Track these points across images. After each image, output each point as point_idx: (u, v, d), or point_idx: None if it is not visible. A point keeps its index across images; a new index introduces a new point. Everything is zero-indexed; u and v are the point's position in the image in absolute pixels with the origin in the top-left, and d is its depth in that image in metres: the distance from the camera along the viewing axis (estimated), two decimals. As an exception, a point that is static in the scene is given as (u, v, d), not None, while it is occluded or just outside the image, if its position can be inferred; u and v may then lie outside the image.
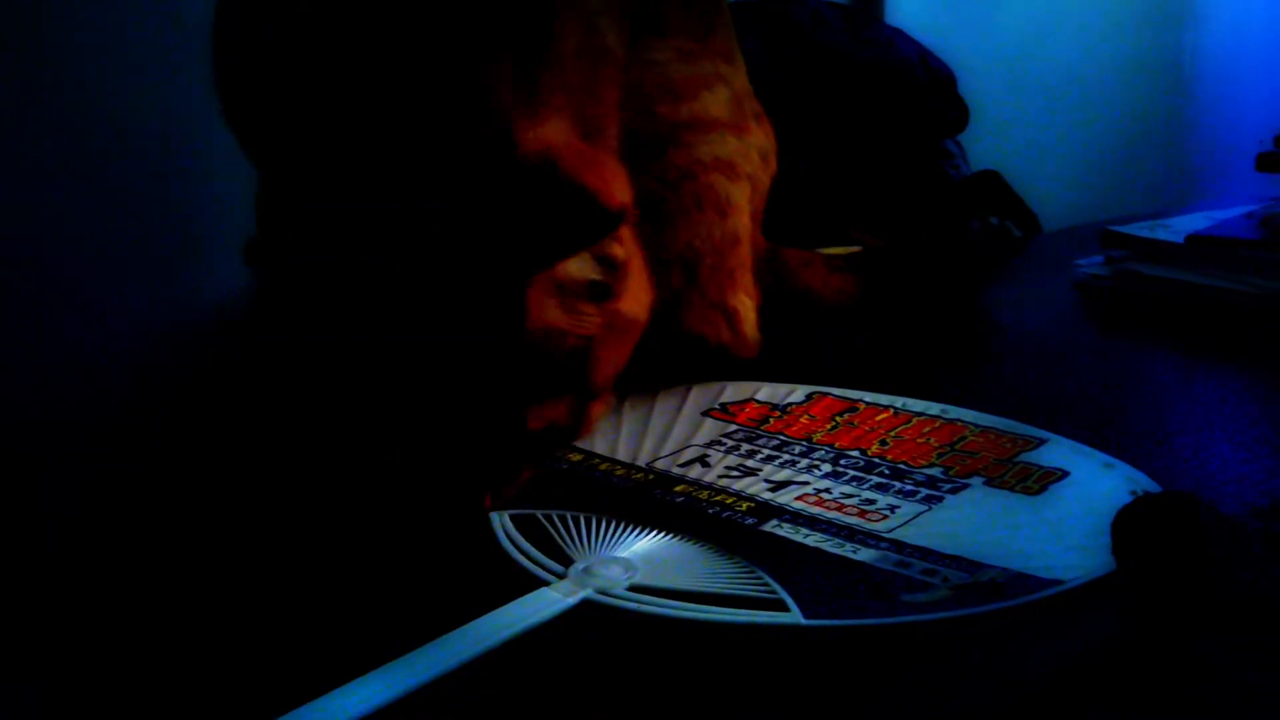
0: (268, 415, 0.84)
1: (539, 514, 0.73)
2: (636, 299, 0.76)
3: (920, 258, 1.32)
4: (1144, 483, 0.73)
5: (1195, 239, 1.20)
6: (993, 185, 1.49)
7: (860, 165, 1.42)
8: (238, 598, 0.67)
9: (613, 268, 0.73)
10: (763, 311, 0.99)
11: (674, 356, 0.93)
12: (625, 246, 0.75)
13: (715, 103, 0.96)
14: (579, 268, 0.71)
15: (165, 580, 0.69)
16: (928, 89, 1.50)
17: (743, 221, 0.98)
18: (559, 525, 0.71)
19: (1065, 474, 0.75)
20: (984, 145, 1.62)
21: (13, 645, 0.64)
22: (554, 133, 0.71)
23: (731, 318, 0.97)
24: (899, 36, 1.56)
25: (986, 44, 1.92)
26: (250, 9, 0.76)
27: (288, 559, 0.71)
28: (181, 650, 0.61)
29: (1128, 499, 0.70)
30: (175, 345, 1.16)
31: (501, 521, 0.73)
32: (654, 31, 0.92)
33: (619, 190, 0.70)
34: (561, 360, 0.71)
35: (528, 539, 0.70)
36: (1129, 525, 0.57)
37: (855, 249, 1.27)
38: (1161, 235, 1.23)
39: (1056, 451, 0.79)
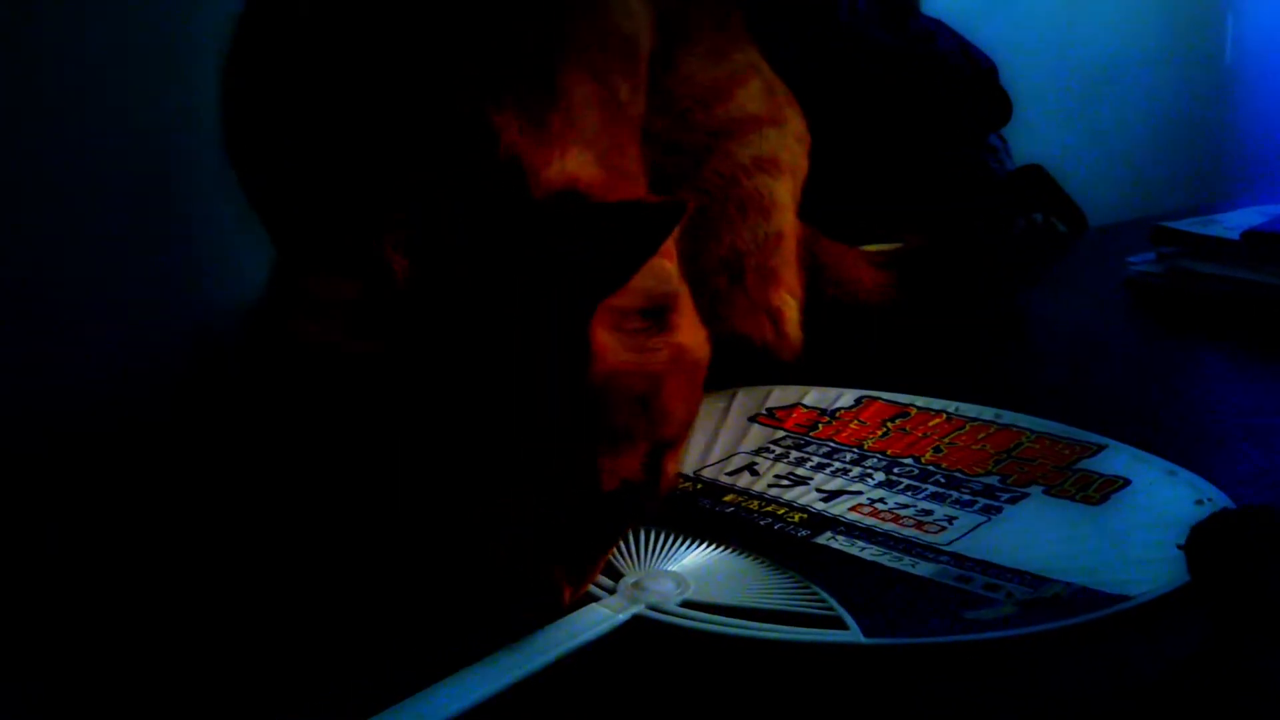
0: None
1: (585, 524, 0.71)
2: (694, 333, 0.68)
3: (964, 254, 1.29)
4: (1208, 491, 0.71)
5: (1252, 235, 1.17)
6: (1037, 179, 1.47)
7: (902, 161, 1.39)
8: (284, 610, 0.65)
9: (666, 287, 0.68)
10: (806, 309, 0.98)
11: (718, 358, 0.91)
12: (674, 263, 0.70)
13: (750, 98, 0.94)
14: (633, 292, 0.61)
15: (198, 597, 0.68)
16: (969, 82, 1.48)
17: (787, 219, 0.96)
18: (607, 537, 0.70)
19: (1127, 482, 0.73)
20: (1026, 139, 1.60)
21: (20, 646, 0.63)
22: (576, 166, 0.65)
23: (775, 318, 0.95)
24: (940, 29, 1.54)
25: (1026, 35, 1.89)
26: (257, 71, 0.74)
27: (331, 571, 0.70)
28: (227, 674, 0.60)
29: (1193, 509, 0.68)
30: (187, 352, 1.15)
31: (547, 532, 0.71)
32: (681, 39, 0.90)
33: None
34: (631, 407, 0.61)
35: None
36: (1207, 541, 0.55)
37: (897, 245, 1.25)
38: (1214, 231, 1.21)
39: (1116, 458, 0.77)
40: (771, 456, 0.81)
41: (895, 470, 0.77)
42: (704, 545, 0.68)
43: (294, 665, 0.59)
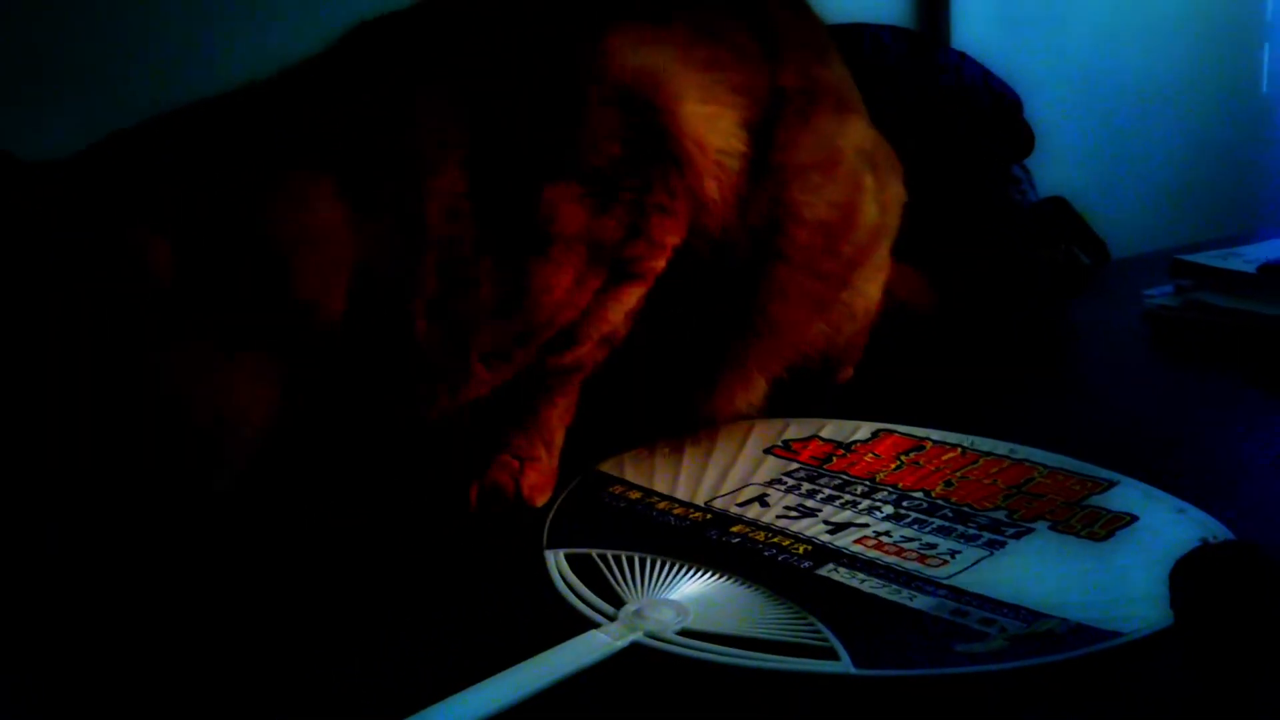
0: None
1: (594, 553, 0.73)
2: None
3: (990, 285, 1.30)
4: (1216, 529, 0.71)
5: (1269, 268, 1.17)
6: (1060, 211, 1.47)
7: (925, 191, 1.40)
8: (281, 627, 0.67)
9: None
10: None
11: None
12: None
13: (868, 216, 0.97)
14: None
15: (199, 604, 0.70)
16: (992, 114, 1.48)
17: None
18: (613, 565, 0.71)
19: (1134, 519, 0.73)
20: (1050, 169, 1.60)
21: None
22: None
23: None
24: (963, 61, 1.54)
25: (1053, 66, 1.89)
26: None
27: (336, 591, 0.72)
28: (222, 682, 0.61)
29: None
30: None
31: (556, 559, 0.72)
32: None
33: None
34: None
35: (581, 578, 0.69)
36: (1185, 575, 0.55)
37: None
38: (1233, 265, 1.20)
39: (1127, 495, 0.77)
40: (783, 488, 0.82)
41: (904, 504, 0.78)
42: (707, 575, 0.69)
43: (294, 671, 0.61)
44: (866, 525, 0.75)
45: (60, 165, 0.69)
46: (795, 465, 0.86)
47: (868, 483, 0.82)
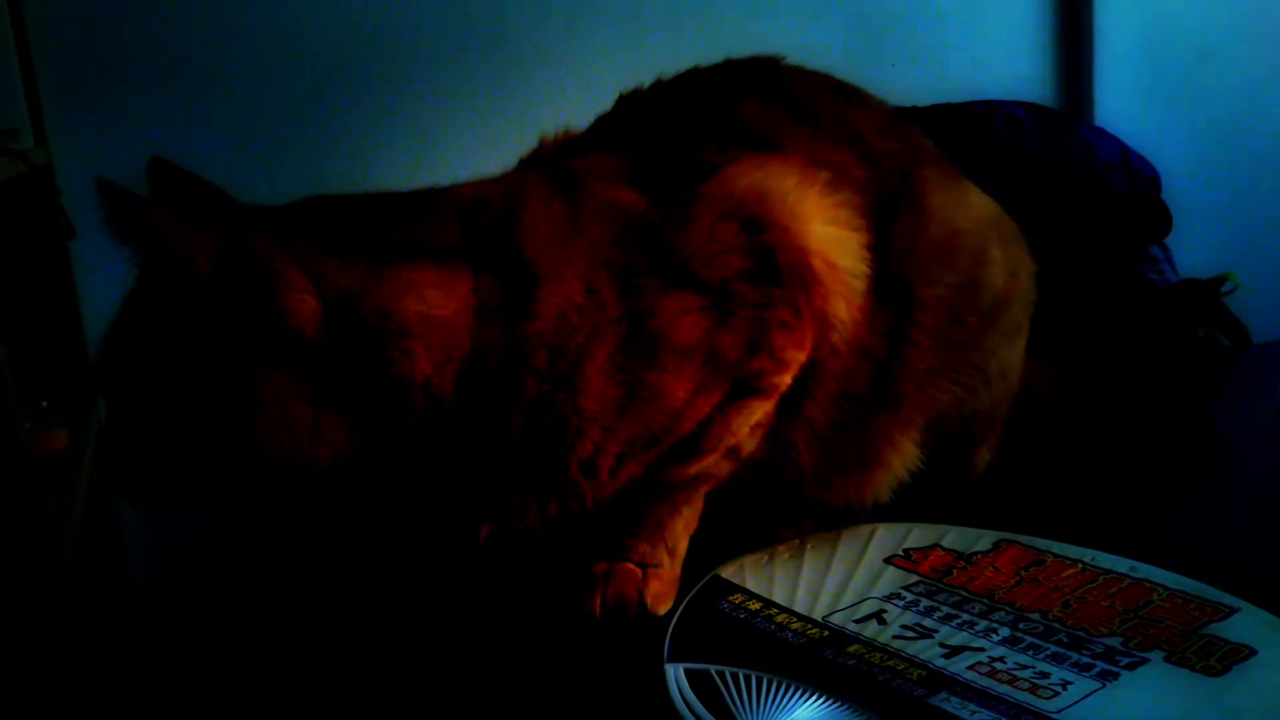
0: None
1: (712, 669, 0.75)
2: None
3: (1124, 370, 1.29)
4: (1335, 665, 0.70)
5: None
6: (1198, 293, 1.45)
7: (1056, 273, 1.39)
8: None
9: None
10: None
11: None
12: None
13: (994, 277, 0.99)
14: None
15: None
16: (1127, 194, 1.47)
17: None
18: (730, 684, 0.74)
19: (1252, 653, 0.73)
20: (1192, 247, 1.58)
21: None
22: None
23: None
24: (1099, 139, 1.54)
25: (1196, 138, 1.86)
26: None
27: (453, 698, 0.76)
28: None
29: (1317, 687, 0.68)
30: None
31: (676, 675, 0.75)
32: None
33: None
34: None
35: (699, 694, 0.72)
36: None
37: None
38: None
39: (1246, 624, 0.77)
40: (901, 604, 0.84)
41: (1021, 626, 0.79)
42: (821, 699, 0.71)
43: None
44: (982, 650, 0.76)
45: (266, 212, 0.80)
46: (915, 578, 0.87)
47: (986, 600, 0.83)
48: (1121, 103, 1.80)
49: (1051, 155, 1.48)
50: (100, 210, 0.72)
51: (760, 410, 0.88)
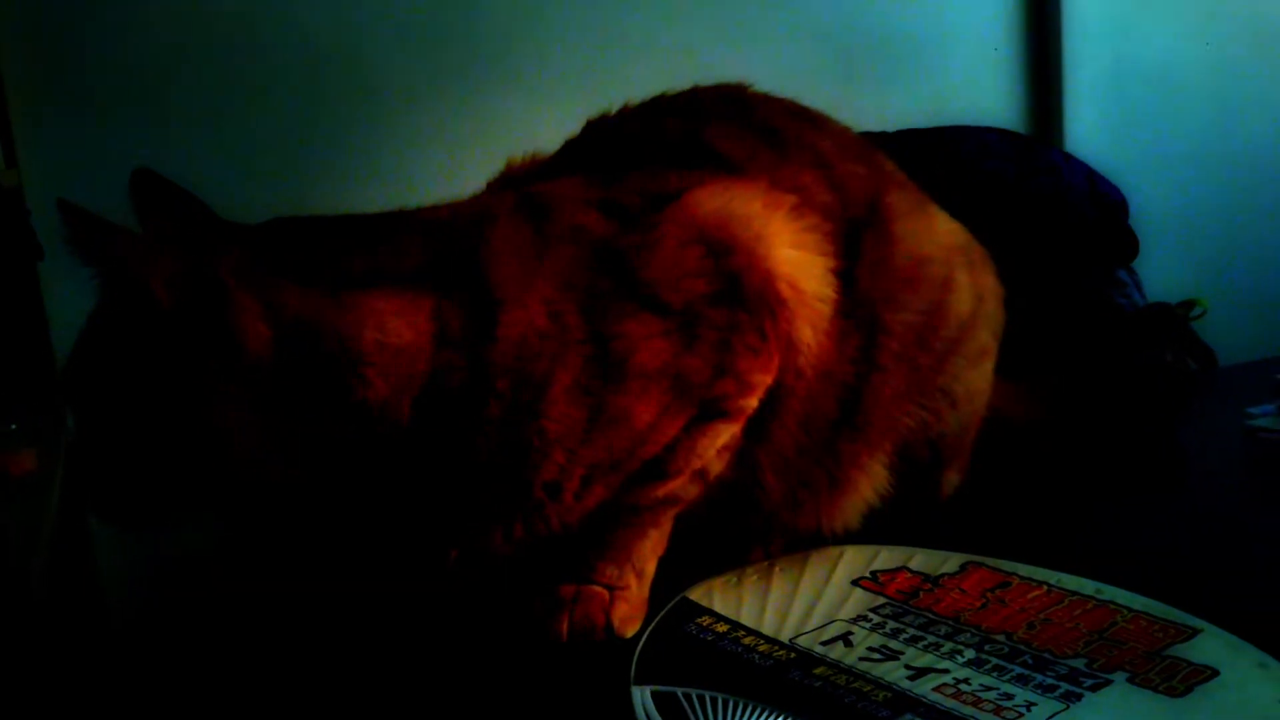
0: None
1: (679, 691, 0.75)
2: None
3: (1091, 393, 1.30)
4: (1295, 684, 0.71)
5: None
6: (1165, 317, 1.46)
7: (1024, 296, 1.40)
8: None
9: None
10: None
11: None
12: None
13: (959, 302, 1.00)
14: None
15: None
16: (1094, 218, 1.49)
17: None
18: (696, 706, 0.74)
19: (1214, 674, 0.73)
20: (1159, 270, 1.59)
21: None
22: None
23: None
24: (1066, 163, 1.56)
25: (1166, 163, 1.88)
26: None
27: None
28: None
29: (1275, 707, 0.68)
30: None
31: (643, 697, 0.75)
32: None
33: None
34: None
35: (665, 718, 0.72)
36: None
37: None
38: (1340, 385, 1.19)
39: (1209, 645, 0.77)
40: (868, 626, 0.84)
41: (986, 647, 0.79)
42: (786, 721, 0.71)
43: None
44: (947, 671, 0.77)
45: (236, 232, 0.81)
46: (882, 600, 0.88)
47: (952, 622, 0.83)
48: (1090, 128, 1.82)
49: (1019, 179, 1.50)
50: (61, 231, 0.72)
51: (727, 433, 0.88)
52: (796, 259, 0.88)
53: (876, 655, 0.79)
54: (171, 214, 0.79)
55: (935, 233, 0.99)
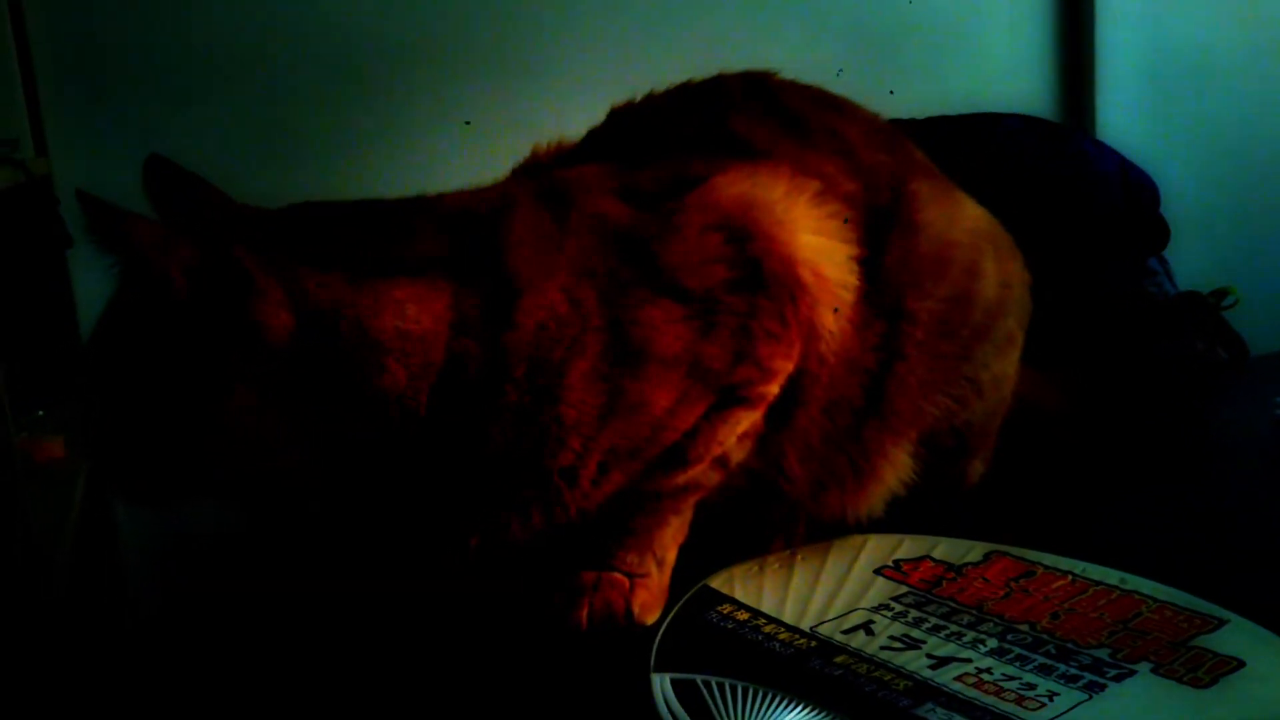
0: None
1: (699, 679, 0.75)
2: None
3: (1121, 383, 1.29)
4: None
5: None
6: (1197, 306, 1.44)
7: (1053, 286, 1.39)
8: None
9: None
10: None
11: None
12: None
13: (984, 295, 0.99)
14: None
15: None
16: (1124, 206, 1.47)
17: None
18: (716, 693, 0.73)
19: (1240, 665, 0.72)
20: (1193, 259, 1.58)
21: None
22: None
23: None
24: (1097, 151, 1.54)
25: (1199, 149, 1.86)
26: None
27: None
28: None
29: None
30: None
31: (662, 684, 0.75)
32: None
33: None
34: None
35: (685, 704, 0.72)
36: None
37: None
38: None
39: (1235, 636, 0.76)
40: (890, 614, 0.83)
41: (1009, 637, 0.79)
42: (806, 709, 0.71)
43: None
44: (969, 660, 0.76)
45: (255, 217, 0.81)
46: (904, 589, 0.87)
47: (974, 611, 0.83)
48: (1122, 116, 1.80)
49: (1049, 167, 1.48)
50: (81, 221, 0.72)
51: (747, 420, 0.87)
52: (819, 245, 0.88)
53: (898, 644, 0.79)
54: (186, 200, 0.80)
55: (962, 220, 0.98)
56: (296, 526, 0.88)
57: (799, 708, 0.71)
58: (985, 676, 0.74)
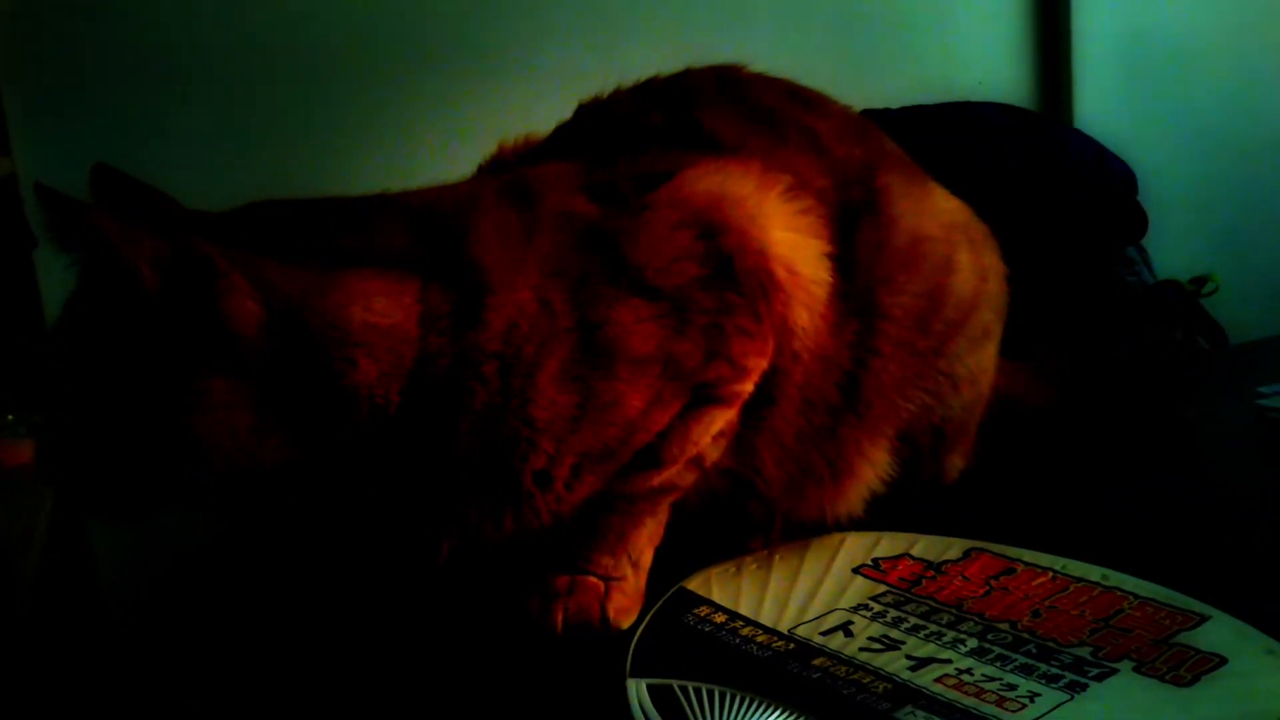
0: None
1: (675, 684, 0.74)
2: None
3: (1106, 374, 1.28)
4: (1304, 674, 0.69)
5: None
6: (1176, 295, 1.44)
7: (1030, 275, 1.38)
8: None
9: None
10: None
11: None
12: None
13: (963, 282, 0.98)
14: None
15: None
16: (1102, 194, 1.46)
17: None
18: (692, 698, 0.72)
19: (1222, 662, 0.72)
20: (1173, 248, 1.57)
21: None
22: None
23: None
24: (1074, 139, 1.53)
25: (1179, 138, 1.85)
26: None
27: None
28: None
29: (1285, 697, 0.67)
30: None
31: (638, 690, 0.74)
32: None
33: None
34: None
35: (661, 710, 0.71)
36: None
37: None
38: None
39: (1217, 632, 0.75)
40: (869, 615, 0.82)
41: (989, 637, 0.78)
42: (783, 713, 0.70)
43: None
44: (949, 661, 0.75)
45: (211, 218, 0.78)
46: (883, 588, 0.86)
47: (954, 610, 0.82)
48: (1100, 104, 1.79)
49: (1026, 156, 1.47)
50: (40, 216, 0.70)
51: (722, 419, 0.86)
52: (791, 241, 0.87)
53: (877, 645, 0.78)
54: (137, 206, 0.77)
55: (935, 212, 0.97)
56: (271, 529, 0.87)
57: (777, 712, 0.70)
58: (965, 677, 0.73)
